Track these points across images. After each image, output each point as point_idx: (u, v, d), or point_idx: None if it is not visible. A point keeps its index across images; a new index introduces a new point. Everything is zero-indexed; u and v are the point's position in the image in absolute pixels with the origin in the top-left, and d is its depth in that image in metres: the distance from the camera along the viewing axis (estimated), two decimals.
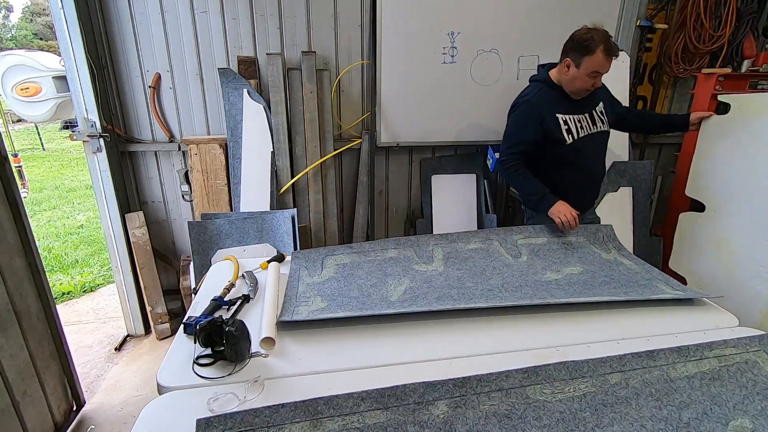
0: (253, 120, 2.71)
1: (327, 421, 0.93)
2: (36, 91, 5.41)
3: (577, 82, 1.89)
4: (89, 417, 2.23)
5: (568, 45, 1.90)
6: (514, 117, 2.04)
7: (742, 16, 2.83)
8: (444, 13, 2.70)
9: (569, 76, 1.90)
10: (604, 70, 1.85)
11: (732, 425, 0.96)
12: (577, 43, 1.84)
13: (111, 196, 2.67)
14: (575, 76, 1.87)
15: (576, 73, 1.86)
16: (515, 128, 2.02)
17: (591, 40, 1.80)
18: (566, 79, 1.92)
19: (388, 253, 1.70)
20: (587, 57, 1.81)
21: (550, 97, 1.96)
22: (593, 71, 1.83)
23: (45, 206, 6.12)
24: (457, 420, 0.94)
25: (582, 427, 0.95)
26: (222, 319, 1.15)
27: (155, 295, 2.81)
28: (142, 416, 0.97)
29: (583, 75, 1.85)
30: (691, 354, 1.12)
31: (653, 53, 3.12)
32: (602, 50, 1.79)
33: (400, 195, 3.23)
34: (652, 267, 1.62)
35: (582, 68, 1.84)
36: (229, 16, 2.67)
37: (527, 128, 1.96)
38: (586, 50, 1.81)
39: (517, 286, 1.47)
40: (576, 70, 1.86)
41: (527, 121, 1.97)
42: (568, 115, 1.95)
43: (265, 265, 1.64)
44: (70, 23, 2.37)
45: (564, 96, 1.98)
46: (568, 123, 1.95)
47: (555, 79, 1.98)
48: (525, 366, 1.06)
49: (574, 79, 1.88)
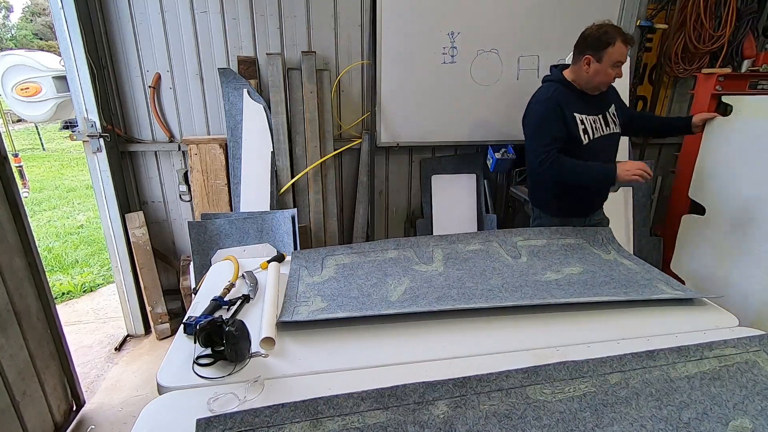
0: (253, 120, 2.72)
1: (327, 421, 0.93)
2: (36, 91, 5.41)
3: (599, 76, 1.90)
4: (89, 417, 2.23)
5: (583, 44, 1.91)
6: (537, 115, 1.99)
7: (742, 16, 2.83)
8: (444, 13, 2.70)
9: (591, 73, 1.90)
10: (624, 59, 1.88)
11: (732, 425, 0.96)
12: (594, 39, 1.87)
13: (111, 196, 2.67)
14: (597, 70, 1.89)
15: (598, 68, 1.88)
16: (542, 125, 1.96)
17: (607, 33, 1.84)
18: (587, 77, 1.92)
19: (388, 253, 1.70)
20: (608, 49, 1.84)
21: (567, 96, 1.96)
22: (616, 62, 1.86)
23: (45, 206, 6.13)
24: (457, 420, 0.94)
25: (582, 427, 0.95)
26: (222, 319, 1.15)
27: (155, 295, 2.81)
28: (142, 416, 0.97)
29: (605, 68, 1.87)
30: (691, 354, 1.12)
31: (653, 53, 3.12)
32: (621, 40, 1.83)
33: (400, 195, 3.23)
34: (652, 267, 1.62)
35: (604, 61, 1.86)
36: (229, 16, 2.67)
37: (554, 123, 1.93)
38: (606, 43, 1.84)
39: (517, 286, 1.47)
40: (598, 65, 1.88)
41: (553, 117, 1.94)
42: (583, 115, 1.96)
43: (265, 265, 1.64)
44: (70, 23, 2.37)
45: (579, 96, 1.98)
46: (584, 123, 1.96)
47: (570, 79, 1.99)
48: (525, 366, 1.06)
49: (597, 74, 1.90)
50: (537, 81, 2.92)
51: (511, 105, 2.96)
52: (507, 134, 3.01)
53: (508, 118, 2.98)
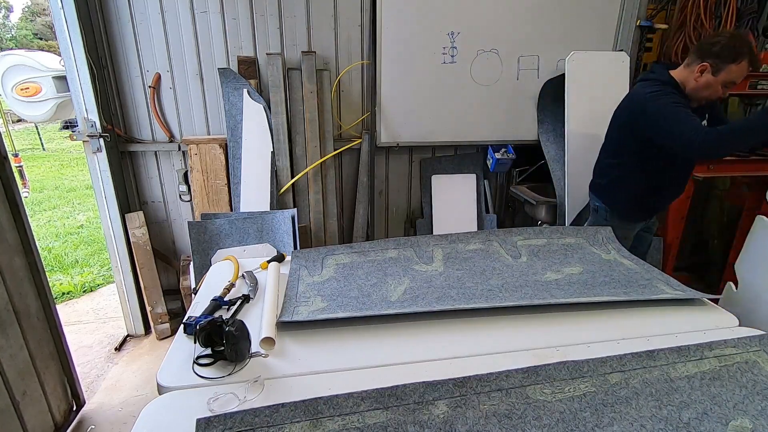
0: (253, 120, 2.72)
1: (327, 421, 0.93)
2: (36, 91, 5.42)
3: (707, 90, 1.75)
4: (89, 417, 2.23)
5: (709, 49, 1.73)
6: (664, 104, 1.75)
7: (742, 16, 2.83)
8: (444, 13, 2.70)
9: (701, 83, 1.75)
10: (739, 82, 1.74)
11: (732, 425, 0.96)
12: (723, 48, 1.69)
13: (111, 196, 2.67)
14: (708, 83, 1.73)
15: (710, 81, 1.73)
16: (675, 110, 1.72)
17: (740, 48, 1.67)
18: (695, 85, 1.77)
19: (388, 253, 1.70)
20: (731, 66, 1.68)
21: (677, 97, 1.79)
22: (730, 81, 1.71)
23: (45, 206, 6.12)
24: (457, 420, 0.94)
25: (582, 427, 0.95)
26: (222, 319, 1.15)
27: (155, 295, 2.81)
28: (142, 416, 0.97)
29: (717, 84, 1.72)
30: (691, 354, 1.12)
31: (653, 53, 3.12)
32: (748, 61, 1.68)
33: (400, 195, 3.23)
34: (652, 267, 1.62)
35: (720, 76, 1.71)
36: (229, 16, 2.67)
37: (683, 106, 1.75)
38: (732, 58, 1.67)
39: (517, 286, 1.47)
40: (711, 77, 1.72)
41: (679, 101, 1.75)
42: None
43: (265, 265, 1.64)
44: (70, 23, 2.37)
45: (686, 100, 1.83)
46: None
47: (678, 80, 1.83)
48: (525, 366, 1.06)
49: (706, 87, 1.75)
50: (537, 81, 2.94)
51: (511, 105, 2.96)
52: (507, 134, 3.02)
53: (508, 118, 2.98)
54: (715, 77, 1.72)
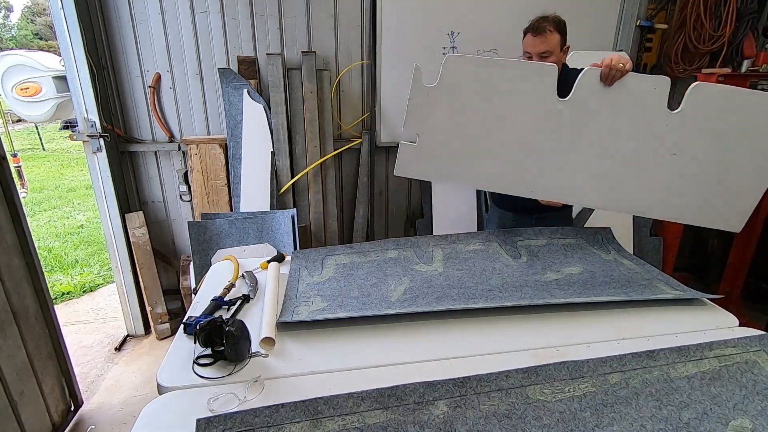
0: (253, 120, 2.71)
1: (327, 421, 0.93)
2: (36, 91, 5.42)
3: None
4: (89, 417, 2.23)
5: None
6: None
7: (742, 16, 2.83)
8: (444, 13, 2.70)
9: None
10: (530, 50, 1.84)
11: (732, 425, 0.96)
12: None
13: (111, 196, 2.67)
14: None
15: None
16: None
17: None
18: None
19: (388, 253, 1.70)
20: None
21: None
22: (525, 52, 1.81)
23: (45, 206, 6.12)
24: (457, 420, 0.94)
25: (582, 427, 0.95)
26: (222, 319, 1.15)
27: (155, 295, 2.81)
28: (142, 416, 0.96)
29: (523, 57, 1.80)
30: (691, 354, 1.12)
31: (653, 53, 3.12)
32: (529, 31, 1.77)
33: (400, 195, 3.23)
34: (652, 267, 1.62)
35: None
36: (229, 16, 2.67)
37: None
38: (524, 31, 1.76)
39: (517, 287, 1.47)
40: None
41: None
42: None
43: (265, 265, 1.64)
44: (70, 23, 2.37)
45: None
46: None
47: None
48: (525, 366, 1.06)
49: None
50: None
51: None
52: None
53: None
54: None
